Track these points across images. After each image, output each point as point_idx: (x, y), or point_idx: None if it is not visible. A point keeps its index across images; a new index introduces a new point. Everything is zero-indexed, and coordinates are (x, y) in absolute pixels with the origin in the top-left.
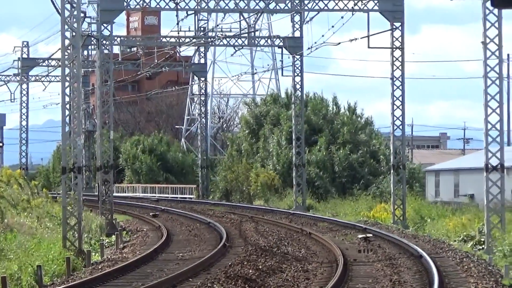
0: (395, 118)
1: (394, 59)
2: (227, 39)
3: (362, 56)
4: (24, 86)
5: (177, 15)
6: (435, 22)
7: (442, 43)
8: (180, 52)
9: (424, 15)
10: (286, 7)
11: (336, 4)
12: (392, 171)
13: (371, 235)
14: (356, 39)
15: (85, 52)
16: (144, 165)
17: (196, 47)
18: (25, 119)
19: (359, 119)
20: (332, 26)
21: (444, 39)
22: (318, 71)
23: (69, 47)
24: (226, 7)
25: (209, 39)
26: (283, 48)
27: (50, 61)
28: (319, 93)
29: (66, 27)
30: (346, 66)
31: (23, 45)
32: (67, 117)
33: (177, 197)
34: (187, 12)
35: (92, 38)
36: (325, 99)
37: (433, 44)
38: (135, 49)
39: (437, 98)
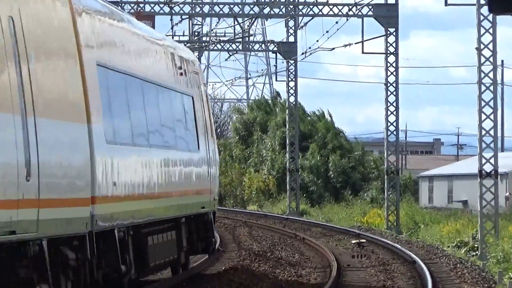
0: (389, 124)
1: (388, 64)
2: (221, 43)
3: (352, 61)
4: None
5: (171, 20)
6: (422, 28)
7: (430, 49)
8: None
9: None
10: (281, 12)
11: (331, 9)
12: (386, 176)
13: (364, 240)
14: (350, 44)
15: None
16: None
17: None
18: None
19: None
20: (327, 31)
21: (432, 44)
22: (307, 76)
23: None
24: (221, 12)
25: (203, 44)
26: (277, 53)
27: None
28: (302, 99)
29: None
30: (335, 71)
31: None
32: None
33: None
34: (181, 17)
35: None
36: (301, 105)
37: (420, 50)
38: None
39: (428, 103)
